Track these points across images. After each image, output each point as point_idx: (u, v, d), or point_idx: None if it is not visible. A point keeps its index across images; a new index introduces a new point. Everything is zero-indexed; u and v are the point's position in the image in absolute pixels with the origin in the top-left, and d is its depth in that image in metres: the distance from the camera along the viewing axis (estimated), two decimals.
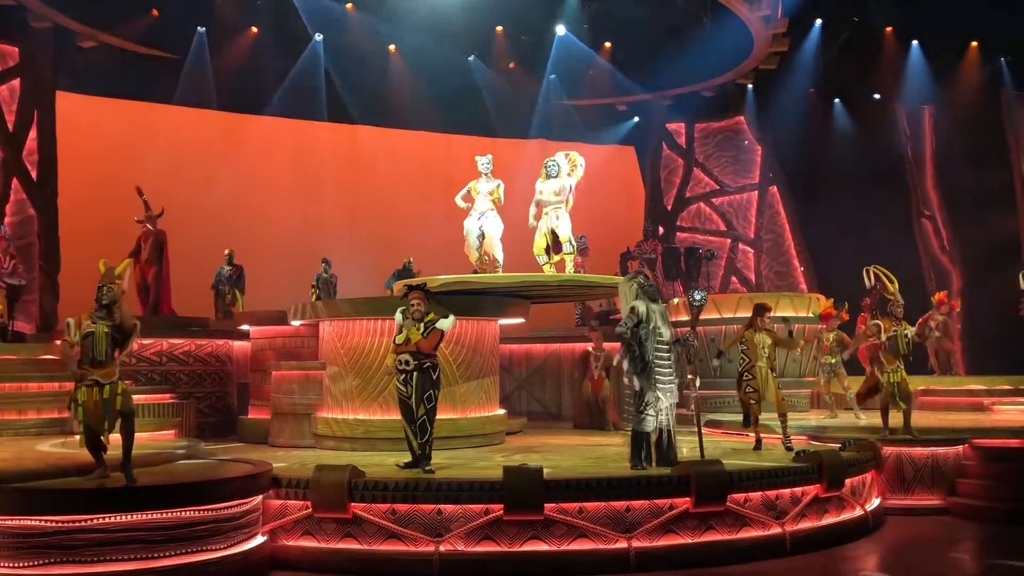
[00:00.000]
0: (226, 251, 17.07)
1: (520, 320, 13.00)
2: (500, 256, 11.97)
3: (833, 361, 13.33)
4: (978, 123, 20.45)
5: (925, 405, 14.52)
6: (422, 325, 8.65)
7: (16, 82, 17.49)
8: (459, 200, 12.42)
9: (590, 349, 14.31)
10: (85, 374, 7.27)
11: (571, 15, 20.37)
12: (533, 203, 12.21)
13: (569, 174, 12.05)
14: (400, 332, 8.70)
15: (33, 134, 17.52)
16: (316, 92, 20.83)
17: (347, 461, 8.28)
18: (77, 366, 7.31)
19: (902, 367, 10.57)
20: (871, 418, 11.90)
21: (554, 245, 12.04)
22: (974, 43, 20.79)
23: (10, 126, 17.20)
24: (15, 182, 17.08)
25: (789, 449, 9.73)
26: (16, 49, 17.54)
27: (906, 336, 10.56)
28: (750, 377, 10.12)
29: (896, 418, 10.66)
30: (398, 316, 8.80)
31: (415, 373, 8.59)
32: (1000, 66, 20.72)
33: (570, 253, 12.03)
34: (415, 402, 8.60)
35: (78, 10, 17.54)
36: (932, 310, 15.91)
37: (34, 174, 17.38)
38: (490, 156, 12.15)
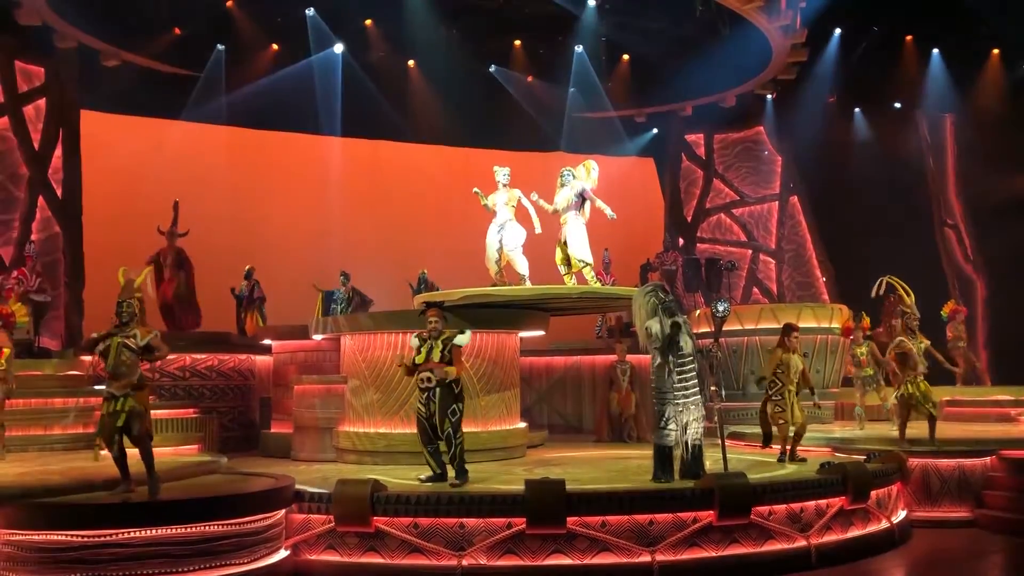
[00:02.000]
0: (247, 267, 16.86)
1: (540, 333, 12.98)
2: (523, 266, 11.75)
3: (870, 373, 12.99)
4: (1000, 131, 20.26)
5: (951, 415, 14.35)
6: (440, 343, 8.69)
7: (42, 102, 17.65)
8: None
9: (616, 362, 14.29)
10: (107, 386, 7.42)
11: (590, 27, 20.39)
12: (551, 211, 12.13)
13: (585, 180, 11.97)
14: (419, 352, 8.75)
15: (58, 152, 17.66)
16: (335, 107, 20.95)
17: (369, 475, 8.32)
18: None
19: (920, 378, 10.48)
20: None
21: (566, 259, 11.98)
22: (995, 50, 20.64)
23: (36, 145, 17.35)
24: (41, 200, 17.25)
25: (781, 460, 9.98)
26: (42, 69, 17.75)
27: (923, 348, 10.49)
28: (779, 398, 10.05)
29: (921, 428, 10.57)
30: (413, 341, 8.90)
31: (438, 389, 8.61)
32: (1022, 73, 20.56)
33: (568, 272, 11.92)
34: (439, 418, 8.62)
35: (102, 29, 17.75)
36: (949, 323, 15.71)
37: (59, 192, 17.52)
38: (508, 168, 12.15)
